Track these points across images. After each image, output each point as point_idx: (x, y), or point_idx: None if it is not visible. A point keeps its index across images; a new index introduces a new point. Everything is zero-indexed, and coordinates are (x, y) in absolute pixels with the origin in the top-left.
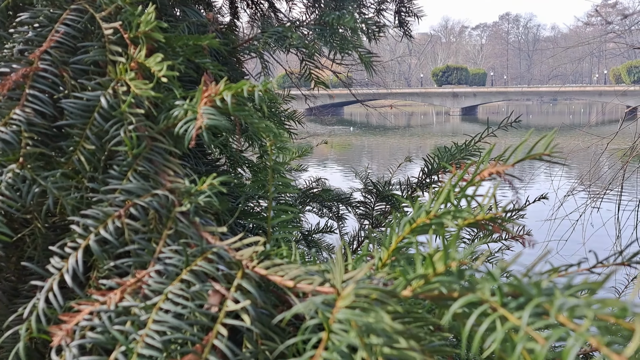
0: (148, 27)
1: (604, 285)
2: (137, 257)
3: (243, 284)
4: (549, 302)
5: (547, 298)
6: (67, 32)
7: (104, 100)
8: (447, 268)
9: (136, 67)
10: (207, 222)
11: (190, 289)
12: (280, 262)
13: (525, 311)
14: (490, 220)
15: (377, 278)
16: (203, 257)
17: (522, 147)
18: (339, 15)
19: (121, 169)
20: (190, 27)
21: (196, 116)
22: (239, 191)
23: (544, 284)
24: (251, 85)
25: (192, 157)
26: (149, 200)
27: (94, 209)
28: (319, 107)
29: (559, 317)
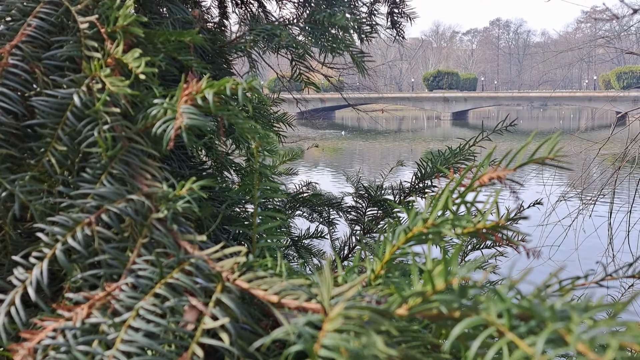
0: (126, 21)
1: (628, 306)
2: (108, 268)
3: (223, 298)
4: (566, 327)
5: (563, 323)
6: (40, 25)
7: (77, 98)
8: (447, 285)
9: (113, 63)
10: (186, 230)
11: (164, 305)
12: (264, 274)
13: (540, 338)
14: (492, 229)
15: (369, 295)
16: (180, 269)
17: (524, 150)
18: (330, 14)
19: (94, 171)
20: (175, 24)
21: (175, 115)
22: (224, 196)
23: (558, 305)
24: (235, 83)
25: (175, 160)
26: (122, 206)
27: (62, 215)
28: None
29: (578, 346)
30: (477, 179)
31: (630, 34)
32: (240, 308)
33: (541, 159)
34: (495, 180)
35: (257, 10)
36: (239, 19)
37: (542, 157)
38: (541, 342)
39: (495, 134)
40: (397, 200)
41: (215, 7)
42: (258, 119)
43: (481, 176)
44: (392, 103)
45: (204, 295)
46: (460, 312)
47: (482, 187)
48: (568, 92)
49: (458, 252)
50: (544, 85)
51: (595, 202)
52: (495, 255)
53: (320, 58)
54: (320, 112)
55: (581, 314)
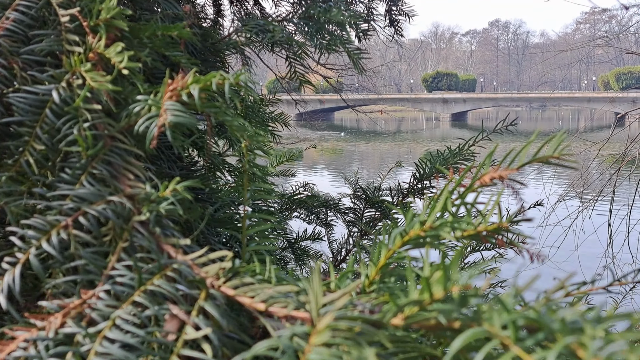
0: (110, 14)
1: None
2: (85, 275)
3: (206, 306)
4: (579, 341)
5: (575, 336)
6: (19, 19)
7: (57, 94)
8: (447, 293)
9: (95, 58)
10: (170, 233)
11: (143, 313)
12: (251, 280)
13: (551, 354)
14: (493, 231)
15: (362, 303)
16: (161, 275)
17: (527, 150)
18: (325, 9)
19: (74, 172)
20: (165, 20)
21: (159, 112)
22: (215, 197)
23: (569, 316)
24: (221, 78)
25: (165, 160)
26: (101, 208)
27: (37, 218)
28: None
29: None
30: (477, 179)
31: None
32: (225, 316)
33: (545, 158)
34: (496, 180)
35: (252, 8)
36: (233, 16)
37: (546, 156)
38: (552, 358)
39: (494, 134)
40: (395, 202)
41: (210, 5)
42: (251, 118)
43: (482, 176)
44: (391, 104)
45: (186, 303)
46: (460, 323)
47: (483, 187)
48: (567, 93)
49: (458, 258)
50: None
51: (595, 203)
52: (495, 257)
53: (316, 56)
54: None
55: (595, 326)
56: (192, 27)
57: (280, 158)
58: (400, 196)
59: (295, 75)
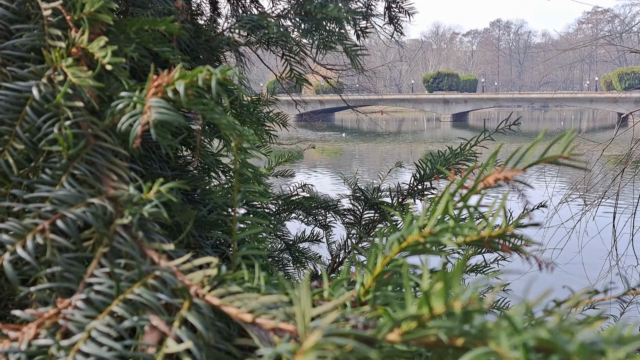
0: (94, 7)
1: None
2: (61, 283)
3: (189, 317)
4: None
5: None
6: (1, 13)
7: (37, 91)
8: (448, 308)
9: (78, 53)
10: (154, 238)
11: (120, 325)
12: (238, 289)
13: None
14: (498, 237)
15: (355, 317)
16: (142, 282)
17: (534, 149)
18: (321, 4)
19: (54, 172)
20: (156, 15)
21: (143, 109)
22: (208, 199)
23: (586, 337)
24: (208, 73)
25: (156, 160)
26: (81, 211)
27: (12, 221)
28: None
29: None
30: (481, 180)
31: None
32: (210, 327)
33: (554, 158)
34: (501, 182)
35: (248, 6)
36: (228, 12)
37: (555, 156)
38: None
39: (496, 134)
40: (394, 203)
41: (207, 2)
42: (246, 117)
43: (485, 177)
44: (391, 105)
45: (168, 313)
46: (464, 341)
47: (487, 189)
48: (569, 94)
49: (461, 268)
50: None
51: (599, 204)
52: (497, 260)
53: (314, 53)
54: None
55: (617, 348)
56: (185, 23)
57: (279, 158)
58: (400, 197)
59: (292, 74)
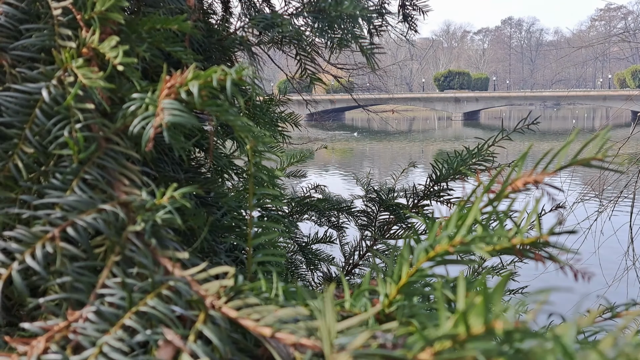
0: (105, 6)
1: None
2: (72, 294)
3: (205, 331)
4: None
5: None
6: (8, 12)
7: (46, 93)
8: (488, 328)
9: (89, 53)
10: (167, 246)
11: (133, 339)
12: (256, 301)
13: None
14: (532, 245)
15: (383, 334)
16: (156, 294)
17: (566, 150)
18: (336, 1)
19: (64, 177)
20: (168, 14)
21: (155, 111)
22: (222, 202)
23: None
24: (223, 73)
25: (169, 162)
26: (92, 218)
27: (21, 229)
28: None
29: None
30: (509, 184)
31: None
32: (226, 342)
33: (587, 160)
34: (531, 185)
35: (260, 5)
36: (240, 11)
37: (588, 158)
38: None
39: (519, 132)
40: (410, 205)
41: (218, 2)
42: (259, 118)
43: (514, 180)
44: (402, 103)
45: (183, 325)
46: None
47: (516, 193)
48: (582, 92)
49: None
50: (557, 84)
51: (615, 203)
52: (514, 261)
53: (327, 53)
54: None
55: None
56: (197, 22)
57: (291, 159)
58: (415, 199)
59: (305, 73)
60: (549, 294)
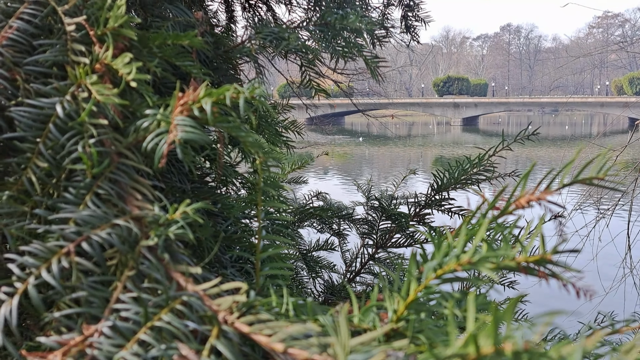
0: (117, 22)
1: None
2: (87, 307)
3: (219, 346)
4: None
5: None
6: (23, 28)
7: (60, 108)
8: (498, 350)
9: (102, 69)
10: (180, 261)
11: (149, 354)
12: (268, 317)
13: None
14: (536, 263)
15: (395, 353)
16: (169, 309)
17: (569, 168)
18: (342, 15)
19: (78, 192)
20: (176, 27)
21: (169, 128)
22: (228, 212)
23: None
24: (236, 91)
25: (175, 173)
26: (106, 233)
27: (36, 244)
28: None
29: None
30: (513, 201)
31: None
32: (239, 356)
33: (589, 179)
34: (535, 202)
35: (265, 15)
36: (246, 22)
37: (590, 177)
38: None
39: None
40: (412, 213)
41: (223, 11)
42: (264, 129)
43: (518, 198)
44: (402, 109)
45: (197, 340)
46: None
47: (519, 210)
48: (580, 98)
49: (514, 307)
50: (555, 90)
51: (613, 212)
52: None
53: (332, 63)
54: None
55: None
56: (204, 34)
57: (292, 165)
58: (417, 208)
59: (309, 84)
60: (554, 317)
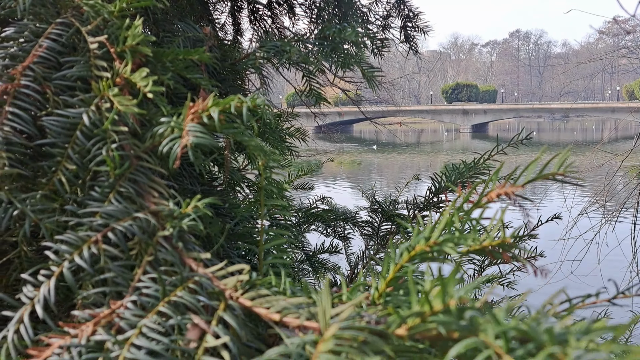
0: (135, 40)
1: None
2: (114, 287)
3: (225, 316)
4: (563, 351)
5: (560, 347)
6: (52, 46)
7: (86, 117)
8: (445, 306)
9: (122, 82)
10: (192, 248)
11: (167, 322)
12: (267, 292)
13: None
14: (498, 246)
15: (369, 315)
16: (183, 287)
17: (534, 165)
18: (340, 29)
19: (102, 190)
20: (186, 42)
21: (181, 134)
22: (235, 212)
23: (557, 329)
24: (240, 101)
25: (187, 176)
26: (128, 224)
27: (69, 234)
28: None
29: None
30: (484, 195)
31: None
32: (243, 326)
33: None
34: (504, 196)
35: (270, 27)
36: (252, 35)
37: (551, 173)
38: None
39: (513, 146)
40: (411, 215)
41: (230, 23)
42: (269, 135)
43: (489, 193)
44: (410, 116)
45: (207, 313)
46: (459, 334)
47: (490, 203)
48: (590, 104)
49: (455, 273)
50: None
51: (618, 215)
52: (513, 270)
53: (339, 72)
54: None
55: (580, 337)
56: (212, 48)
57: (299, 172)
58: (416, 209)
59: (312, 93)
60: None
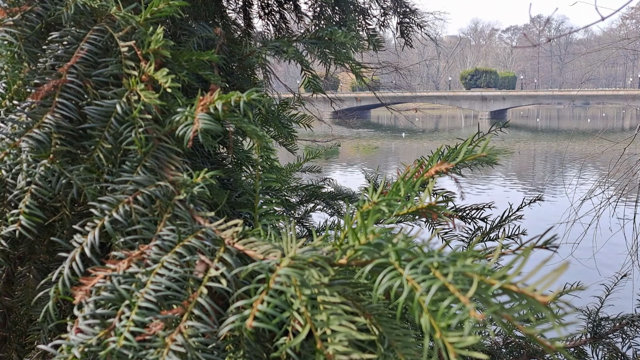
0: (157, 45)
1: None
2: (142, 235)
3: (224, 256)
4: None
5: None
6: (90, 49)
7: (119, 107)
8: (367, 241)
9: (146, 79)
10: (200, 209)
11: (181, 259)
12: (255, 240)
13: (408, 265)
14: (427, 209)
15: (322, 249)
16: (194, 235)
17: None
18: (331, 31)
19: (132, 164)
20: (200, 42)
21: (193, 121)
22: (238, 185)
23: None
24: (238, 96)
25: (199, 156)
26: (153, 190)
27: (109, 196)
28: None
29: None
30: (426, 171)
31: None
32: (236, 263)
33: (476, 156)
34: (442, 172)
35: (278, 22)
36: (259, 34)
37: (475, 155)
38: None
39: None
40: None
41: (241, 18)
42: (271, 121)
43: (429, 169)
44: (429, 102)
45: (210, 254)
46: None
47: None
48: (611, 91)
49: (372, 216)
50: (586, 83)
51: (617, 199)
52: (503, 246)
53: (325, 71)
54: (355, 111)
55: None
56: (222, 46)
57: (308, 155)
58: None
59: (309, 85)
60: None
